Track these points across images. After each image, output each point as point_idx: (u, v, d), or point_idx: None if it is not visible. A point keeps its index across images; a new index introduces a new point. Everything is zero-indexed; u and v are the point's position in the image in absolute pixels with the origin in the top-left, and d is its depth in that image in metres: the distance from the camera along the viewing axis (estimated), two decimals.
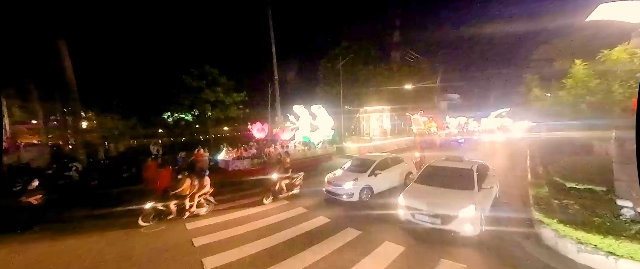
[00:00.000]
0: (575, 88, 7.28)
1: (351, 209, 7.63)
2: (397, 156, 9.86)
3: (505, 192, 8.44)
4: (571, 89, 7.37)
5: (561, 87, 7.88)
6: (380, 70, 31.07)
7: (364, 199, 8.02)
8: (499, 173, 10.70)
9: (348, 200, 7.89)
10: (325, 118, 16.01)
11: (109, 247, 5.84)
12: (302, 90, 35.06)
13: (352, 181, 8.03)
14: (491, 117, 56.75)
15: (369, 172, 8.35)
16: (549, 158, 10.02)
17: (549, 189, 7.04)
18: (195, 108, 20.07)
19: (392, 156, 9.75)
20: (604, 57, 6.53)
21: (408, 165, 9.84)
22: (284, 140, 15.01)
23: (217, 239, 6.00)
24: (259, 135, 13.58)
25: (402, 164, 9.58)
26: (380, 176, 8.49)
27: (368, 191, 8.15)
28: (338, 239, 5.80)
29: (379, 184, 8.45)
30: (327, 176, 8.94)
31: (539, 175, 8.65)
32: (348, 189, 7.95)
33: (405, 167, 9.59)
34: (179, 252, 5.47)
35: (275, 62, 23.74)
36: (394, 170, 9.15)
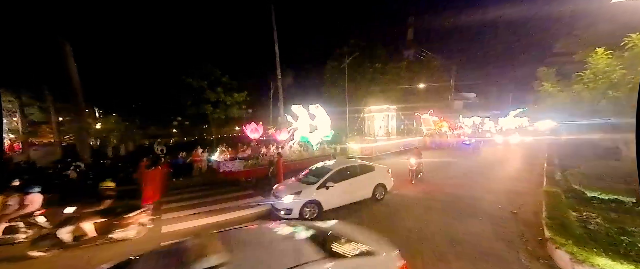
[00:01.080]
0: (594, 82, 6.11)
1: None
2: (367, 165, 8.39)
3: (513, 201, 7.44)
4: (590, 82, 6.18)
5: (578, 80, 6.63)
6: (388, 68, 29.97)
7: (306, 217, 6.62)
8: (508, 178, 9.66)
9: (286, 217, 6.59)
10: (324, 118, 15.34)
11: None
12: (307, 89, 34.56)
13: (293, 194, 6.78)
14: (510, 117, 54.03)
15: (319, 184, 6.97)
16: (568, 163, 8.87)
17: (566, 198, 6.05)
18: (196, 108, 19.95)
19: (361, 164, 8.34)
20: (630, 42, 5.46)
21: (380, 174, 8.21)
22: (281, 140, 14.49)
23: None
24: (253, 136, 13.13)
25: (371, 174, 7.99)
26: (335, 188, 7.06)
27: (314, 207, 6.77)
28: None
29: (332, 198, 7.04)
30: (274, 186, 7.90)
31: (555, 181, 7.58)
32: (286, 204, 6.69)
33: (374, 178, 7.98)
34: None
35: (278, 62, 23.41)
36: (358, 181, 7.62)
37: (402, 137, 22.64)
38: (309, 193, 6.83)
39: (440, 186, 9.47)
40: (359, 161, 8.85)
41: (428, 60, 39.15)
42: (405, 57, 36.64)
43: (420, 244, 5.16)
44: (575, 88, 6.34)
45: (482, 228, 5.73)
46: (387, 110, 21.37)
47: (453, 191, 8.79)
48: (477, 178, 10.41)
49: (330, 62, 30.90)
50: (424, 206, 7.53)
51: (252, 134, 13.05)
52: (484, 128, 43.82)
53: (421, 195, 8.65)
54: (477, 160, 15.05)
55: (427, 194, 8.67)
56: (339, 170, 7.55)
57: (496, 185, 9.32)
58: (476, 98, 63.60)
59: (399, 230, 5.86)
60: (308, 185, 7.12)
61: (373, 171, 8.08)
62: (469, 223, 6.04)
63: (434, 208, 7.29)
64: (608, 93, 6.06)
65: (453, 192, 8.71)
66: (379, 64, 29.84)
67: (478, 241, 5.09)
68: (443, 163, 14.52)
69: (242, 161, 11.74)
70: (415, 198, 8.26)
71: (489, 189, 9.02)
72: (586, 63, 6.99)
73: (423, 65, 38.05)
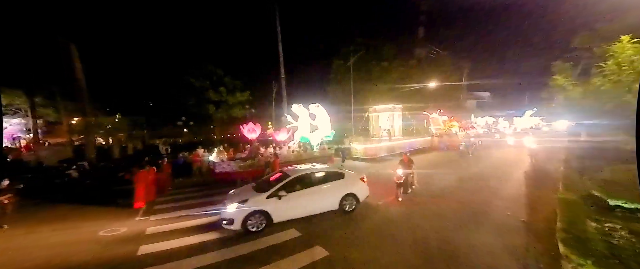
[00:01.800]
0: (618, 73, 5.25)
1: (219, 245, 5.40)
2: (335, 171, 7.51)
3: (524, 207, 6.73)
4: (612, 75, 5.32)
5: (598, 73, 5.72)
6: (395, 66, 29.14)
7: (251, 230, 5.79)
8: (520, 182, 8.87)
9: (227, 227, 5.83)
10: (325, 118, 14.87)
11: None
12: (313, 88, 34.15)
13: (238, 203, 5.98)
14: (525, 116, 51.83)
15: (271, 192, 6.15)
16: (587, 166, 7.98)
17: (585, 206, 5.33)
18: (199, 108, 19.99)
19: (329, 171, 7.45)
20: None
21: (351, 183, 7.21)
22: (280, 141, 14.14)
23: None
24: (250, 136, 12.83)
25: (339, 182, 7.04)
26: (291, 198, 6.24)
27: (261, 218, 5.92)
28: None
29: (285, 209, 6.18)
30: (230, 192, 7.20)
31: (573, 186, 6.79)
32: (229, 213, 5.90)
33: (343, 186, 7.01)
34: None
35: (281, 61, 23.19)
36: (321, 190, 6.70)
37: (410, 137, 21.86)
38: (256, 202, 6.02)
39: (435, 195, 8.56)
40: (328, 167, 7.86)
41: (439, 58, 37.92)
42: (416, 55, 35.51)
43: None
44: (595, 82, 5.48)
45: (486, 239, 5.11)
46: (393, 110, 20.64)
47: (453, 200, 8.02)
48: (485, 183, 9.66)
49: (337, 60, 30.39)
50: (408, 216, 6.69)
51: (249, 134, 12.75)
52: (497, 128, 42.12)
53: (408, 202, 7.77)
54: (483, 165, 14.18)
55: (416, 200, 7.88)
56: (299, 177, 6.72)
57: (506, 191, 8.57)
58: (490, 98, 61.40)
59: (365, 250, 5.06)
60: (260, 192, 6.36)
61: (342, 179, 7.16)
62: (470, 233, 5.42)
63: (424, 216, 6.58)
64: (633, 87, 5.13)
65: (453, 201, 7.93)
66: (386, 63, 29.07)
67: (479, 256, 4.49)
68: (444, 167, 13.45)
69: (238, 162, 11.46)
70: (399, 210, 7.21)
71: (497, 194, 8.30)
72: (607, 58, 6.18)
73: (434, 63, 36.86)
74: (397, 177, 7.89)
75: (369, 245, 5.22)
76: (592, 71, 7.60)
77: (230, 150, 13.16)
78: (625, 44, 5.18)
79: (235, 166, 11.36)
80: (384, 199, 8.00)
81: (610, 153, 8.52)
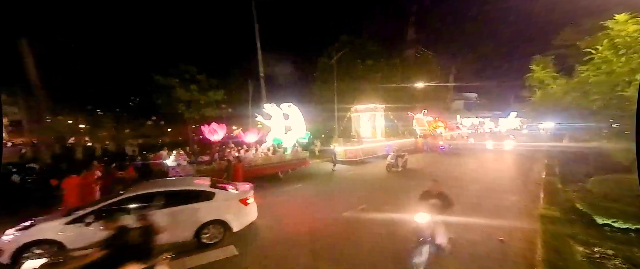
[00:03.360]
0: (610, 63, 4.23)
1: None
2: (202, 191, 5.61)
3: (502, 222, 5.88)
4: (603, 64, 4.38)
5: (587, 61, 4.68)
6: (380, 65, 28.45)
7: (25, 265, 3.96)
8: (497, 191, 8.09)
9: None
10: (299, 118, 13.81)
11: None
12: (298, 87, 33.08)
13: (16, 230, 4.63)
14: (510, 117, 52.50)
15: (75, 217, 4.67)
16: (571, 175, 7.30)
17: (569, 224, 4.51)
18: (167, 108, 18.56)
19: (193, 190, 5.64)
20: None
21: (220, 206, 5.49)
22: (249, 143, 12.99)
23: None
24: (212, 138, 11.63)
25: (202, 205, 5.35)
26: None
27: (48, 252, 4.43)
28: None
29: (92, 240, 3.85)
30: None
31: (555, 198, 6.01)
32: (2, 241, 4.48)
33: (205, 211, 5.31)
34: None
35: (260, 58, 22.00)
36: (168, 215, 4.98)
37: (395, 138, 21.09)
38: (45, 230, 4.55)
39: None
40: (196, 183, 6.14)
41: (425, 58, 37.59)
42: (402, 55, 35.02)
43: None
44: (582, 73, 4.51)
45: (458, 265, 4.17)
46: (374, 110, 19.80)
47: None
48: (461, 190, 8.84)
49: (322, 59, 29.43)
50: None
51: (210, 136, 11.55)
52: (483, 129, 42.17)
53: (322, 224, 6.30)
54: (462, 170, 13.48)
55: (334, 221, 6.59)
56: (131, 197, 5.10)
57: (482, 200, 7.75)
58: (477, 99, 61.95)
59: None
60: (66, 216, 4.81)
61: (208, 201, 5.40)
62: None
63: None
64: (635, 78, 3.96)
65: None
66: (371, 61, 28.35)
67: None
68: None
69: (194, 165, 10.29)
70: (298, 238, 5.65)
71: (472, 205, 7.45)
72: (591, 54, 5.36)
73: (420, 63, 36.49)
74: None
75: None
76: (576, 67, 6.83)
77: (189, 153, 11.91)
78: (622, 23, 4.15)
79: (191, 169, 10.18)
80: (282, 223, 6.46)
81: (596, 161, 7.86)
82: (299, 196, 9.42)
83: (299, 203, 8.67)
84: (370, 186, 10.73)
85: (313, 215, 7.41)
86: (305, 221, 6.75)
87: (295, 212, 7.60)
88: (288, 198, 9.15)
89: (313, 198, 9.11)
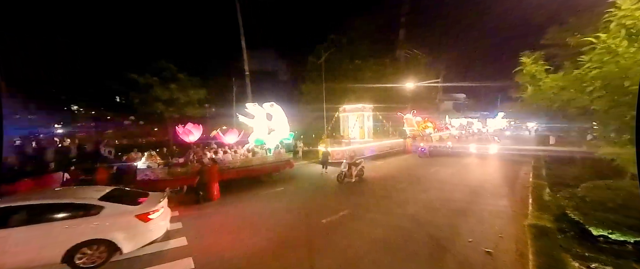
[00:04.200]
0: (617, 54, 3.35)
1: None
2: (85, 204, 4.74)
3: (489, 230, 5.49)
4: (607, 54, 3.39)
5: (589, 51, 4.01)
6: (369, 64, 28.13)
7: None
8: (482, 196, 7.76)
9: None
10: (282, 118, 13.19)
11: None
12: (287, 87, 32.48)
13: None
14: (498, 118, 53.38)
15: None
16: (560, 178, 6.99)
17: (562, 236, 4.12)
18: (145, 107, 17.55)
19: (73, 203, 4.71)
20: None
21: (106, 222, 4.64)
22: (229, 144, 12.28)
23: None
24: (188, 139, 10.87)
25: (81, 221, 4.53)
26: None
27: None
28: None
29: None
30: None
31: (544, 205, 5.63)
32: None
33: (83, 228, 4.50)
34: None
35: (245, 56, 21.26)
36: (32, 232, 4.26)
37: (382, 139, 20.73)
38: None
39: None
40: (77, 192, 5.46)
41: (414, 58, 37.53)
42: (391, 55, 34.79)
43: None
44: (585, 63, 3.90)
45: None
46: (363, 110, 19.38)
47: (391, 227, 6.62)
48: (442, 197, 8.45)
49: (311, 58, 28.91)
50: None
51: (185, 136, 10.79)
52: (472, 129, 42.59)
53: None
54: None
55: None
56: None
57: (467, 205, 7.39)
58: (466, 100, 62.72)
59: None
60: None
61: (91, 216, 4.57)
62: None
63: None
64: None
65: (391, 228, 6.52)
66: (359, 61, 27.99)
67: None
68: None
69: (165, 168, 9.53)
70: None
71: (457, 210, 7.08)
72: (582, 52, 4.97)
73: (409, 63, 36.41)
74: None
75: None
76: (564, 65, 6.50)
77: (164, 153, 11.11)
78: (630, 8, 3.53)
79: (163, 172, 9.43)
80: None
81: (588, 166, 7.55)
82: (277, 201, 8.83)
83: (275, 208, 8.08)
84: (357, 188, 10.23)
85: (287, 222, 6.85)
86: (272, 232, 6.18)
87: (263, 221, 7.02)
88: (263, 204, 8.54)
89: (291, 203, 8.54)
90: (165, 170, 9.57)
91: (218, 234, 6.23)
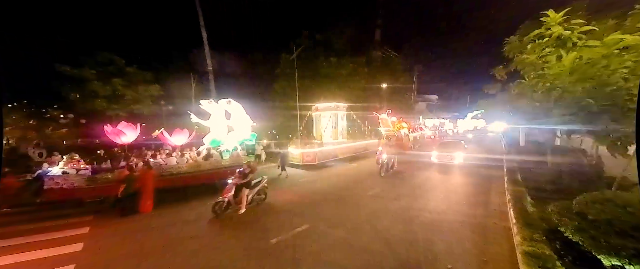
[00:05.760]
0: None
1: None
2: None
3: (472, 249, 4.53)
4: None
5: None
6: (344, 62, 27.28)
7: None
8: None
9: None
10: (242, 117, 11.64)
11: None
12: (259, 84, 30.57)
13: None
14: (467, 118, 55.42)
15: None
16: (550, 189, 6.22)
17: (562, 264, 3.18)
18: (84, 104, 15.00)
19: None
20: None
21: None
22: (176, 145, 10.50)
23: None
24: (120, 140, 8.96)
25: None
26: None
27: None
28: None
29: None
30: None
31: (533, 222, 4.73)
32: None
33: None
34: None
35: (207, 51, 19.28)
36: None
37: (353, 140, 19.82)
38: None
39: None
40: None
41: (389, 58, 37.50)
42: (366, 53, 34.31)
43: None
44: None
45: None
46: (336, 109, 18.30)
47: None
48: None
49: (284, 54, 27.44)
50: None
51: (115, 137, 8.87)
52: (444, 129, 43.52)
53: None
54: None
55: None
56: None
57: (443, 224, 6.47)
58: (438, 101, 64.68)
59: None
60: None
61: None
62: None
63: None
64: None
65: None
66: (334, 58, 27.03)
67: None
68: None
69: (85, 174, 7.64)
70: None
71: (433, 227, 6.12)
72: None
73: (384, 63, 36.25)
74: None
75: None
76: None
77: (99, 157, 9.06)
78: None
79: (80, 180, 7.53)
80: None
81: (581, 174, 6.86)
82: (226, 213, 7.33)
83: (217, 223, 6.60)
84: (321, 196, 8.99)
85: (226, 241, 5.41)
86: (202, 258, 4.74)
87: (197, 240, 5.54)
88: (205, 218, 6.96)
89: (240, 216, 7.08)
90: (84, 177, 7.65)
91: (124, 262, 4.66)
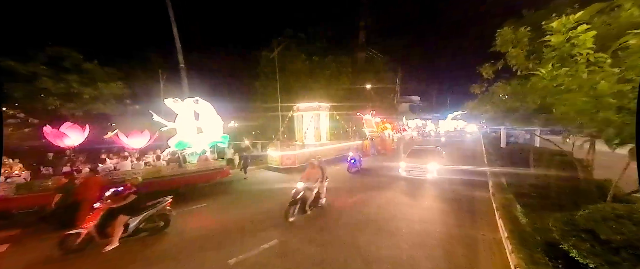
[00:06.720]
0: None
1: None
2: None
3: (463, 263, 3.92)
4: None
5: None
6: (327, 62, 26.73)
7: None
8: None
9: None
10: (213, 117, 10.62)
11: None
12: (239, 84, 29.37)
13: None
14: (448, 119, 56.75)
15: None
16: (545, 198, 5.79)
17: None
18: (32, 102, 13.26)
19: None
20: None
21: None
22: (133, 149, 9.30)
23: None
24: (63, 143, 7.70)
25: None
26: None
27: None
28: None
29: None
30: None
31: (527, 237, 4.23)
32: None
33: None
34: None
35: (179, 46, 17.86)
36: None
37: (337, 141, 19.20)
38: None
39: None
40: None
41: (373, 59, 37.39)
42: (350, 53, 33.97)
43: None
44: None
45: None
46: (318, 109, 17.58)
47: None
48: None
49: (265, 52, 26.47)
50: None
51: (57, 140, 7.59)
52: (426, 130, 44.10)
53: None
54: None
55: None
56: None
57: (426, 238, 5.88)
58: (420, 102, 65.88)
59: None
60: None
61: None
62: None
63: None
64: None
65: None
66: (317, 57, 26.40)
67: None
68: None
69: (12, 183, 6.40)
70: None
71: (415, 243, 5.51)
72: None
73: (367, 63, 36.10)
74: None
75: None
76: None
77: (15, 163, 7.71)
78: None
79: (7, 189, 6.28)
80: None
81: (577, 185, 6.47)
82: (183, 224, 6.33)
83: (169, 240, 5.62)
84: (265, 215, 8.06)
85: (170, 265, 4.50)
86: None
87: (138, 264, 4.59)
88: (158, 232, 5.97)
89: (199, 230, 6.11)
90: (10, 185, 6.39)
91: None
